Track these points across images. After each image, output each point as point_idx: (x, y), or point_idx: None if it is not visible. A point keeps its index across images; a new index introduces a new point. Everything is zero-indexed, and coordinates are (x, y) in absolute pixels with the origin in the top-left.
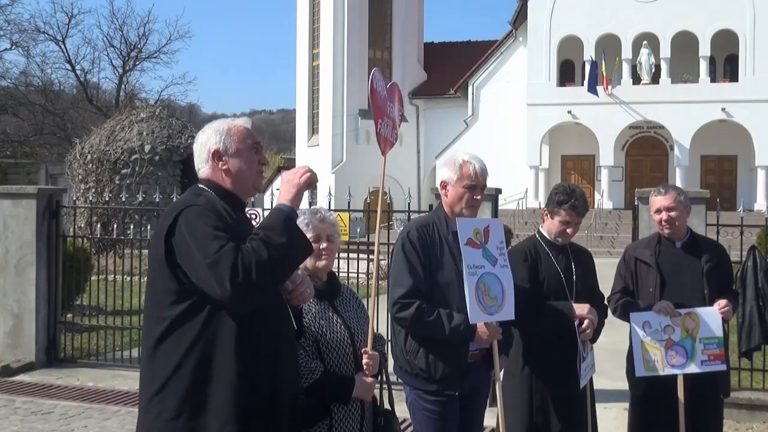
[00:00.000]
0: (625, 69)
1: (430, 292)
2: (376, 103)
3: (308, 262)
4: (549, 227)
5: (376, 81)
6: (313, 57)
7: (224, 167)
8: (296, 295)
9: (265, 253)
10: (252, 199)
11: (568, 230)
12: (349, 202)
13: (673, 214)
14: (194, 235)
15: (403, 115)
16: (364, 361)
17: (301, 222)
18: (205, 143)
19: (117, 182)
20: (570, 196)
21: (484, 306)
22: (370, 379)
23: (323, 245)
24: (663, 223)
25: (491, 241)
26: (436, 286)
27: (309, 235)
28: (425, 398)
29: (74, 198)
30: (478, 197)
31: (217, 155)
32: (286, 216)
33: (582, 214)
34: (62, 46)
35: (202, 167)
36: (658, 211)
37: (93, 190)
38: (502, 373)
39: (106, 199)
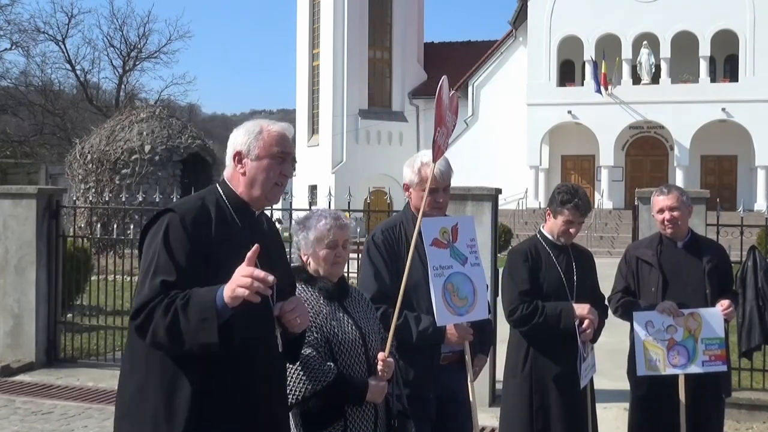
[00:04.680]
0: (625, 69)
1: (397, 295)
2: (440, 110)
3: (322, 268)
4: (551, 227)
5: (443, 90)
6: (313, 57)
7: (241, 170)
8: (285, 321)
9: (167, 322)
10: None
11: (571, 230)
12: (349, 202)
13: (675, 213)
14: (150, 249)
15: (456, 125)
16: (379, 367)
17: (323, 226)
18: (233, 141)
19: (117, 182)
20: (574, 195)
21: (452, 307)
22: (382, 383)
23: (341, 253)
24: (666, 222)
25: (460, 240)
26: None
27: (326, 241)
28: (396, 403)
29: (74, 198)
30: (441, 200)
31: (238, 156)
32: (212, 308)
33: (585, 214)
34: (62, 46)
35: (227, 165)
36: (661, 210)
37: (93, 190)
38: (475, 375)
39: (106, 199)
